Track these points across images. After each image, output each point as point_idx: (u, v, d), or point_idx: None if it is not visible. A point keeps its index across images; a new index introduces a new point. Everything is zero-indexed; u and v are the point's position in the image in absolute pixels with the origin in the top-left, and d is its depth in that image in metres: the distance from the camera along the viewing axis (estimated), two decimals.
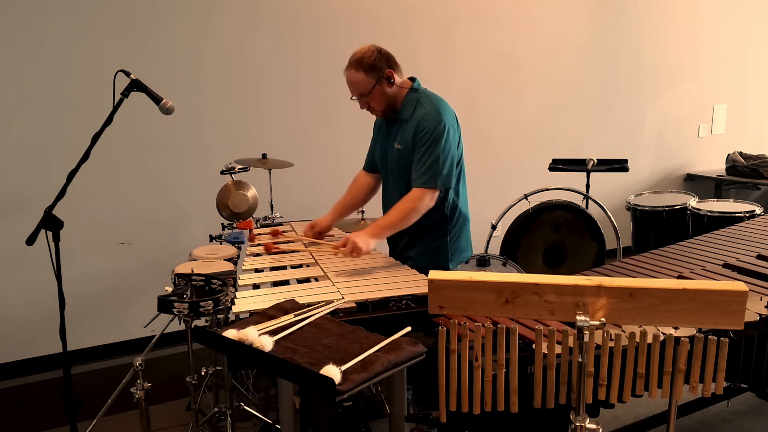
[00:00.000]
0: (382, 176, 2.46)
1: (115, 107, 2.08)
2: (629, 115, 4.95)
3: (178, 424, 2.74)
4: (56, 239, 2.02)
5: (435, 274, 1.26)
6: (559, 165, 3.96)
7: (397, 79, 2.21)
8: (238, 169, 3.12)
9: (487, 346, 1.35)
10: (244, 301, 1.75)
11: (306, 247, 2.37)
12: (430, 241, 2.31)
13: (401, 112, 2.25)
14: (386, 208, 2.44)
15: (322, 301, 1.67)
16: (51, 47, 3.15)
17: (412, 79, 2.30)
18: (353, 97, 2.25)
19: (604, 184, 4.74)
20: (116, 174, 3.38)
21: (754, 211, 3.40)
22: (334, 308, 1.63)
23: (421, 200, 2.14)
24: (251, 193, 3.01)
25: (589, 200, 3.73)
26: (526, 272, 3.28)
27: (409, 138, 2.20)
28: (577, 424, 1.24)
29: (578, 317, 1.18)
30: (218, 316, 2.23)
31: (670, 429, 1.76)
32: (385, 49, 2.20)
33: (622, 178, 4.92)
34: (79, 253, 3.32)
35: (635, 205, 3.82)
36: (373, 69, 2.15)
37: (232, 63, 3.54)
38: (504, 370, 1.36)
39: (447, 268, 2.33)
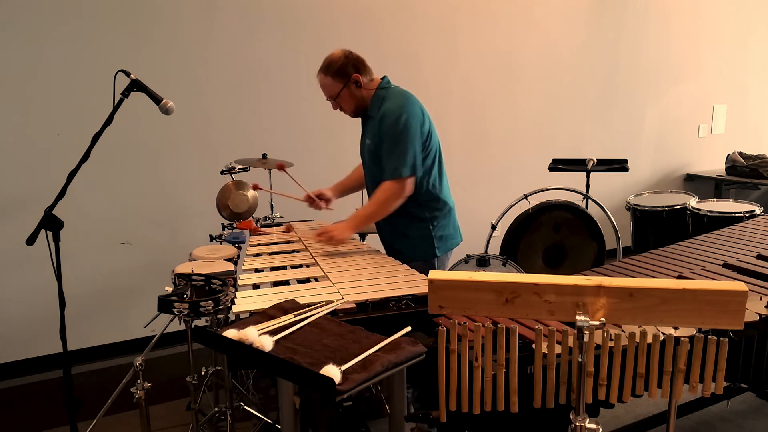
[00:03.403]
0: (364, 171, 2.54)
1: (115, 107, 2.08)
2: (629, 115, 4.95)
3: (178, 424, 2.74)
4: (56, 239, 2.02)
5: (435, 274, 1.26)
6: (558, 165, 3.96)
7: (365, 81, 2.31)
8: (238, 169, 3.12)
9: (487, 346, 1.35)
10: (244, 301, 1.75)
11: (286, 231, 2.63)
12: (414, 230, 2.39)
13: (370, 109, 2.35)
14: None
15: (322, 301, 1.67)
16: (52, 47, 3.15)
17: (383, 78, 2.38)
18: (328, 99, 2.37)
19: (604, 184, 4.75)
20: (116, 174, 3.38)
21: (754, 211, 3.39)
22: (334, 308, 1.63)
23: (391, 190, 2.25)
24: (251, 193, 3.01)
25: (589, 200, 3.73)
26: (526, 272, 3.28)
27: (376, 133, 2.30)
28: (577, 424, 1.24)
29: (578, 317, 1.18)
30: (218, 316, 2.23)
31: (670, 429, 1.76)
32: (354, 54, 2.32)
33: (622, 178, 4.92)
34: (79, 253, 3.32)
35: (635, 205, 3.82)
36: (339, 73, 2.28)
37: (233, 63, 3.54)
38: (504, 370, 1.36)
39: (435, 256, 2.40)
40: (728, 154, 5.08)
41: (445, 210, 2.42)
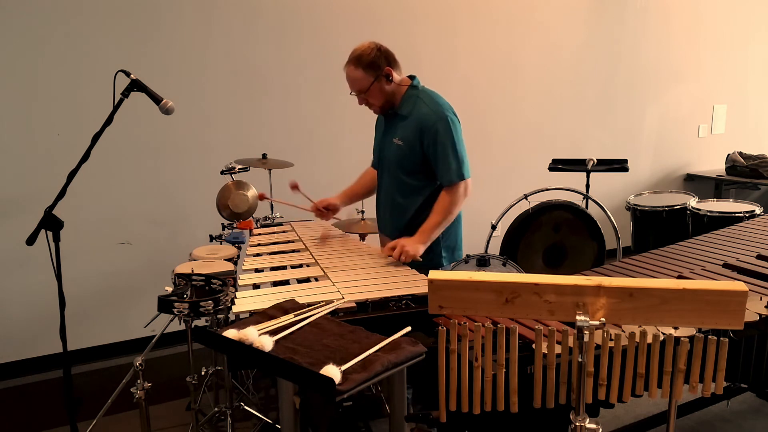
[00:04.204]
0: (378, 171, 2.48)
1: (115, 107, 2.08)
2: (629, 115, 4.95)
3: (178, 424, 2.74)
4: (56, 239, 2.02)
5: (435, 274, 1.26)
6: (559, 165, 3.96)
7: (396, 76, 2.24)
8: (238, 169, 3.12)
9: (487, 346, 1.35)
10: (244, 301, 1.75)
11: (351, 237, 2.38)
12: None
13: (400, 108, 2.28)
14: (380, 203, 2.49)
15: (322, 301, 1.67)
16: (53, 48, 3.15)
17: (412, 77, 2.32)
18: (352, 93, 2.28)
19: (604, 184, 4.74)
20: (116, 174, 3.38)
21: (754, 211, 3.39)
22: (334, 308, 1.63)
23: (456, 193, 2.21)
24: (251, 193, 3.01)
25: (589, 200, 3.73)
26: (526, 272, 3.28)
27: (412, 135, 2.23)
28: (577, 424, 1.24)
29: (578, 317, 1.18)
30: (218, 316, 2.23)
31: (670, 429, 1.76)
32: (384, 47, 2.23)
33: (622, 178, 4.92)
34: (79, 253, 3.32)
35: (635, 205, 3.82)
36: (371, 66, 2.19)
37: (233, 63, 3.54)
38: (504, 370, 1.36)
39: (440, 266, 2.36)
40: (728, 154, 5.07)
41: (457, 218, 2.37)
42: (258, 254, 2.32)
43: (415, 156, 2.25)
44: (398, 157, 2.30)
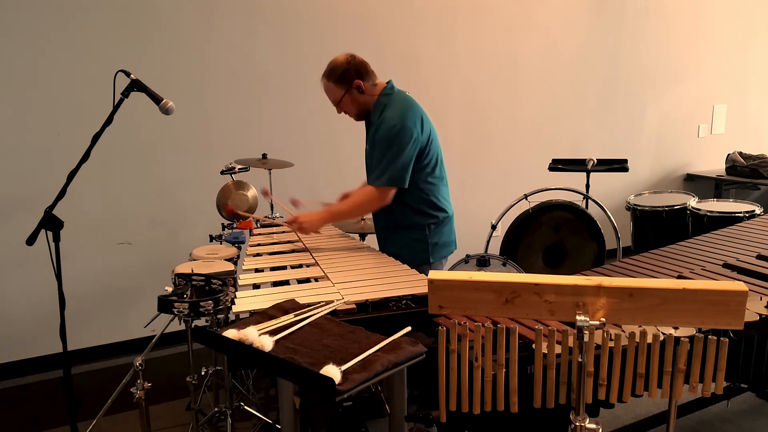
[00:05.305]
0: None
1: (115, 107, 2.08)
2: (629, 115, 4.95)
3: (178, 424, 2.74)
4: (56, 239, 2.02)
5: (435, 274, 1.26)
6: (559, 165, 3.96)
7: (368, 87, 2.30)
8: (238, 169, 3.12)
9: (487, 346, 1.35)
10: (244, 301, 1.75)
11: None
12: (409, 235, 2.39)
13: (372, 115, 2.34)
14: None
15: (322, 301, 1.67)
16: (53, 48, 3.15)
17: (388, 82, 2.37)
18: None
19: (604, 184, 4.75)
20: (116, 174, 3.38)
21: (753, 211, 3.40)
22: (334, 308, 1.63)
23: (370, 196, 2.27)
24: (251, 193, 3.01)
25: (589, 200, 3.73)
26: (526, 272, 3.28)
27: (376, 140, 2.29)
28: (577, 424, 1.24)
29: (578, 317, 1.18)
30: (218, 316, 2.23)
31: (670, 429, 1.76)
32: (357, 59, 2.30)
33: (622, 178, 4.92)
34: (79, 253, 3.32)
35: (635, 205, 3.82)
36: (341, 79, 2.29)
37: (233, 63, 3.54)
38: (504, 370, 1.36)
39: (428, 262, 2.40)
40: (728, 154, 5.08)
41: (442, 217, 2.40)
42: (258, 254, 2.33)
43: None
44: (370, 164, 2.37)
